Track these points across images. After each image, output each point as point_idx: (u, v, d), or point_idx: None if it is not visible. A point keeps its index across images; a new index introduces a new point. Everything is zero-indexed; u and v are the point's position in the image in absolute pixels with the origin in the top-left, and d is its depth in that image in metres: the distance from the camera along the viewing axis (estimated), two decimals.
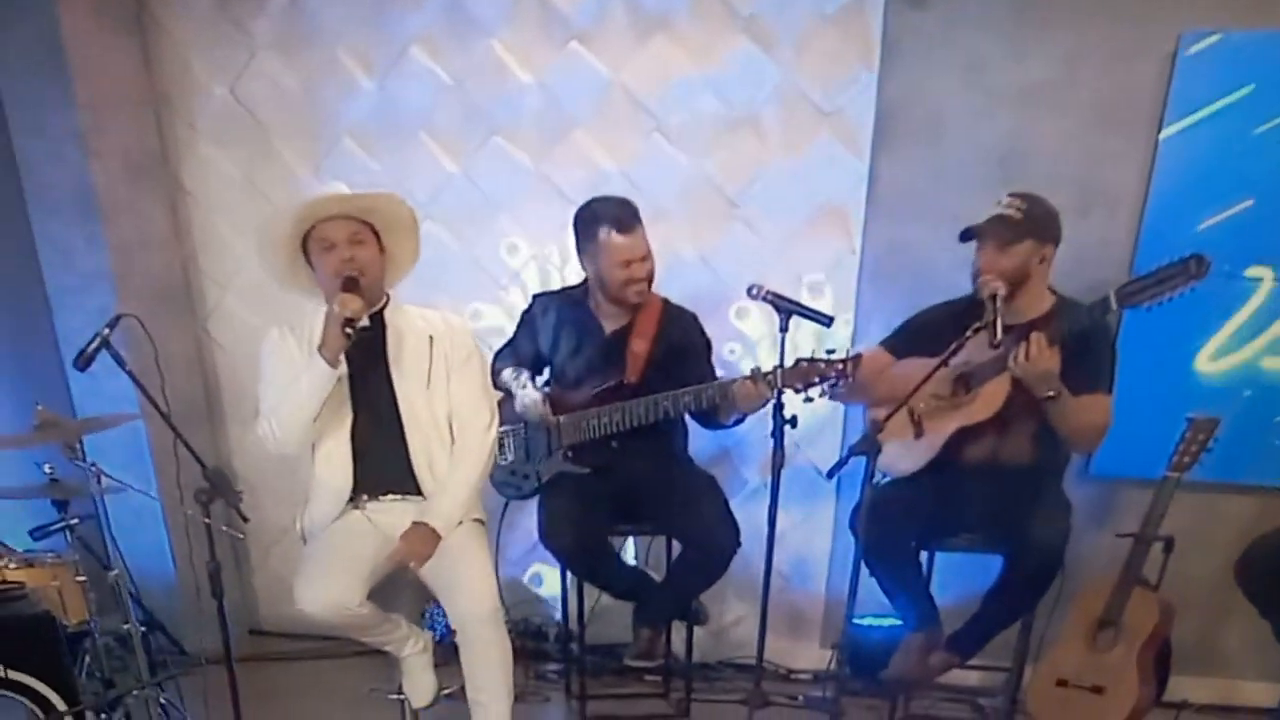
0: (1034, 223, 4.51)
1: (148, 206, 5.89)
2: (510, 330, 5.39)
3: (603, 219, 4.90)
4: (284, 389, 4.31)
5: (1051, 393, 4.35)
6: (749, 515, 4.97)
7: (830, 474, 4.32)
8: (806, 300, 5.02)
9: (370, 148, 5.82)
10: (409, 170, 5.79)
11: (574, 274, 5.36)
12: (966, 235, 4.57)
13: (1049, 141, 5.16)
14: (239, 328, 6.12)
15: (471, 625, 4.31)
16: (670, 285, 5.28)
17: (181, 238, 6.09)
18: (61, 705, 4.32)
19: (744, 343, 5.72)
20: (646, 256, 4.94)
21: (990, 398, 4.61)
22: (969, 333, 4.21)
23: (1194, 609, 4.77)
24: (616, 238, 4.86)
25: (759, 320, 5.67)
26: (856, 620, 5.41)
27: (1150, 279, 4.17)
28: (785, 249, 5.59)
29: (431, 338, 4.50)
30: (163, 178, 5.96)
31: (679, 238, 5.55)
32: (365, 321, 4.30)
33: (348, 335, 4.14)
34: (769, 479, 4.67)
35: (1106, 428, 4.53)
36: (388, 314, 4.49)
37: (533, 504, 5.19)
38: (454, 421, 4.52)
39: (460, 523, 4.46)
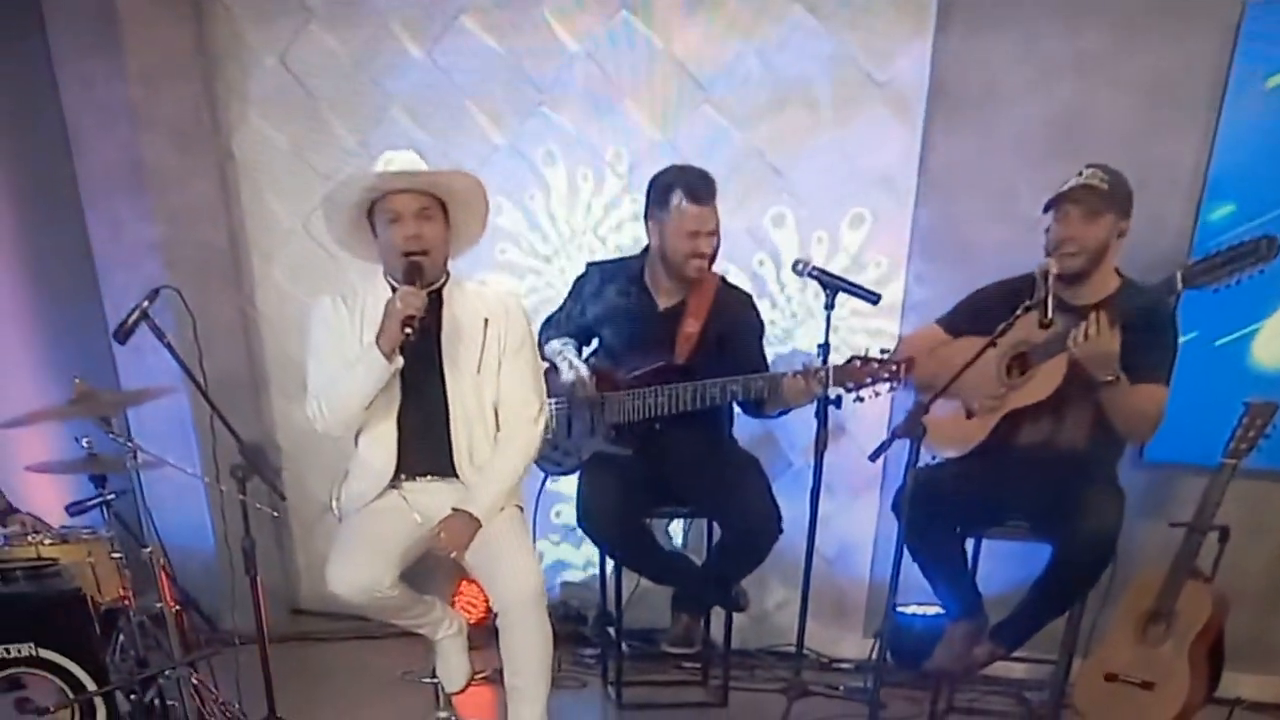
0: (1117, 194, 4.37)
1: (196, 177, 5.90)
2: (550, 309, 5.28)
3: (678, 185, 4.80)
4: (335, 372, 4.18)
5: (1110, 376, 4.17)
6: (792, 497, 4.86)
7: (873, 456, 4.11)
8: (853, 276, 4.90)
9: (418, 118, 5.76)
10: (456, 141, 5.71)
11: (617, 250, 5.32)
12: (1053, 203, 4.38)
13: (1105, 114, 4.97)
14: (284, 300, 6.10)
15: (515, 609, 4.14)
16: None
17: (229, 208, 6.05)
18: (91, 685, 4.20)
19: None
20: (714, 232, 4.84)
21: (1046, 379, 4.41)
22: (1019, 311, 4.03)
23: (1247, 602, 4.49)
24: (689, 206, 4.76)
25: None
26: (899, 608, 5.20)
27: (1217, 259, 3.99)
28: (834, 224, 5.43)
29: (486, 320, 4.31)
30: (212, 148, 5.96)
31: (725, 211, 5.19)
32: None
33: (407, 334, 3.97)
34: (811, 461, 4.59)
35: (1160, 420, 4.35)
36: (446, 292, 4.32)
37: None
38: (501, 409, 4.35)
39: (501, 509, 4.32)
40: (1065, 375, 4.37)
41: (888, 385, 4.45)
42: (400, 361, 4.05)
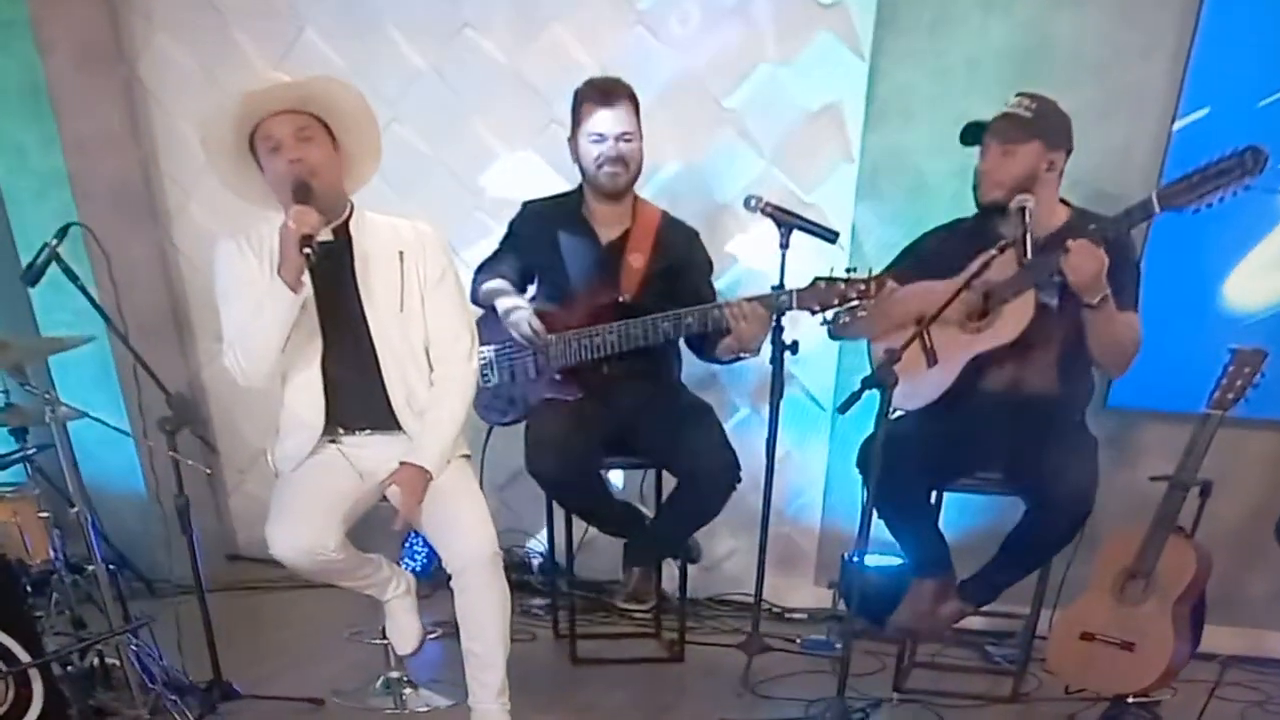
0: (1044, 123, 4.13)
1: (103, 102, 5.48)
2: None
3: (586, 94, 4.58)
4: (246, 317, 3.84)
5: (1100, 296, 3.91)
6: (740, 445, 4.62)
7: (843, 408, 3.81)
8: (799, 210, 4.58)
9: (334, 41, 5.36)
10: (375, 65, 5.32)
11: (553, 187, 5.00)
12: (968, 135, 4.19)
13: (1068, 35, 4.65)
14: (204, 236, 5.53)
15: (470, 570, 3.88)
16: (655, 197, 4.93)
17: (140, 138, 5.64)
18: (25, 656, 3.84)
19: None
20: (628, 136, 4.54)
21: (1014, 319, 4.17)
22: (994, 250, 3.88)
23: (1220, 555, 4.20)
24: (597, 109, 4.52)
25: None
26: (855, 559, 4.99)
27: (1198, 175, 3.77)
28: (777, 156, 5.14)
29: (401, 253, 4.01)
30: (117, 71, 5.52)
31: (662, 142, 5.00)
32: (327, 236, 3.84)
33: (307, 255, 3.63)
34: (760, 406, 4.39)
35: (1137, 349, 4.12)
36: (352, 227, 3.99)
37: None
38: (431, 349, 4.07)
39: (448, 460, 4.06)
40: (1033, 316, 4.13)
41: (859, 305, 4.22)
42: (307, 289, 3.78)
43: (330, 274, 3.90)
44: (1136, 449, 4.85)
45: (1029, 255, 3.91)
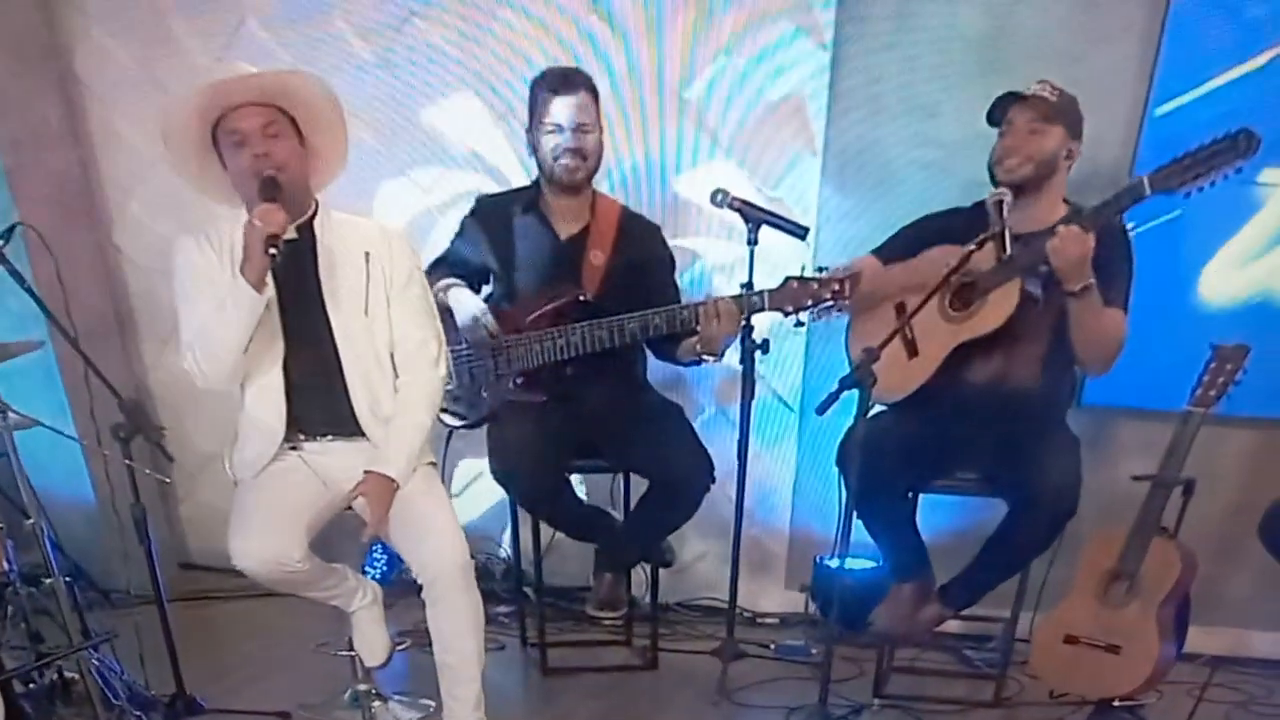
0: (1068, 110, 4.08)
1: (38, 99, 5.30)
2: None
3: (543, 83, 4.45)
4: (207, 317, 3.67)
5: (1084, 283, 3.84)
6: (706, 445, 4.49)
7: (821, 409, 3.74)
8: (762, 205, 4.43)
9: (277, 31, 5.22)
10: (319, 57, 5.19)
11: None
12: (998, 109, 4.12)
13: (1035, 22, 4.58)
14: (148, 236, 5.50)
15: (442, 581, 3.75)
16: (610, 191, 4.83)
17: (78, 136, 5.47)
18: None
19: None
20: (586, 128, 4.41)
21: (997, 308, 4.08)
22: (973, 245, 3.82)
23: (1200, 554, 4.08)
24: (554, 99, 4.38)
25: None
26: (828, 563, 4.93)
27: (1192, 158, 3.69)
28: (737, 148, 5.03)
29: (368, 254, 3.85)
30: (54, 69, 5.33)
31: (617, 134, 4.93)
32: (292, 234, 3.66)
33: (271, 255, 3.48)
34: (726, 406, 4.28)
35: (1123, 346, 4.04)
36: (317, 226, 3.83)
37: None
38: (397, 354, 3.91)
39: (414, 468, 3.91)
40: (1016, 306, 4.05)
41: (832, 305, 4.12)
42: (271, 291, 3.63)
43: (293, 274, 3.76)
44: (1111, 447, 4.77)
45: (1008, 250, 3.84)
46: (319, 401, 3.91)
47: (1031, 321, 4.10)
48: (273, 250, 3.48)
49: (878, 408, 4.18)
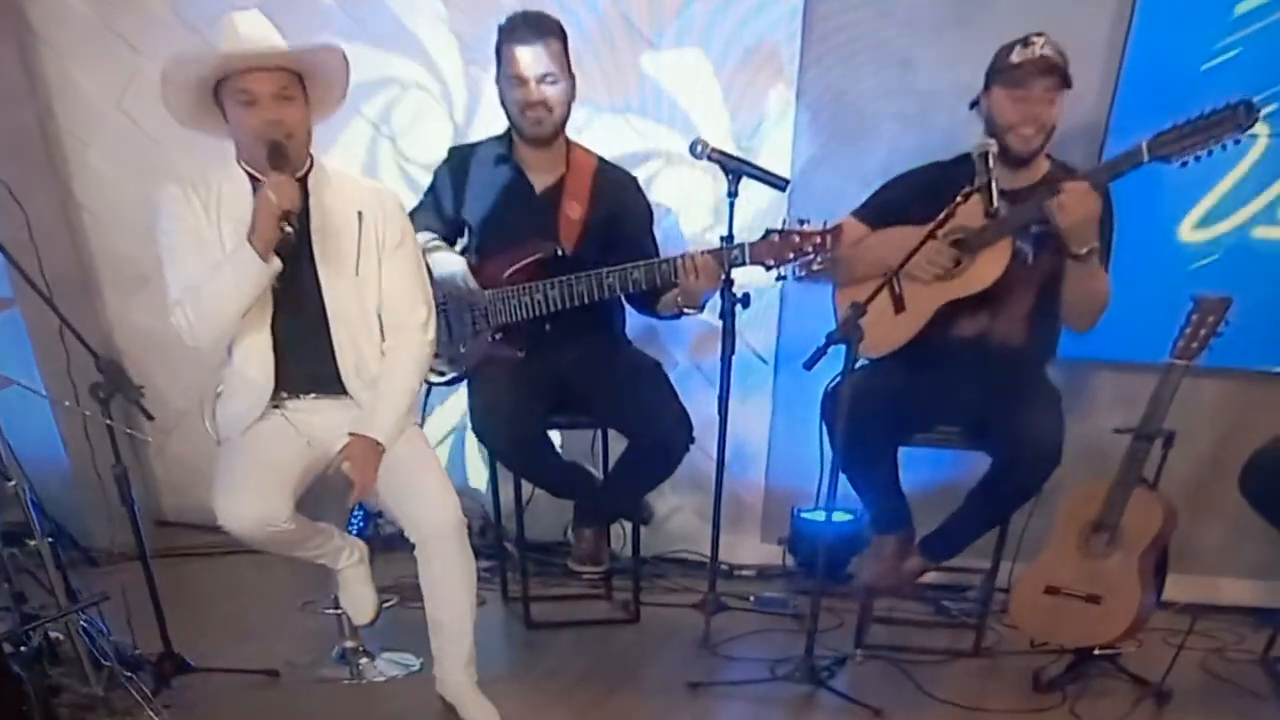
0: (1065, 68, 3.97)
1: None
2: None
3: (508, 31, 4.31)
4: (199, 275, 3.58)
5: (1089, 246, 3.84)
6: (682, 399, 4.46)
7: (808, 364, 3.71)
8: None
9: None
10: (283, 6, 4.97)
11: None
12: (1009, 70, 3.99)
13: None
14: (107, 188, 5.44)
15: (435, 540, 3.76)
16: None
17: (35, 88, 5.34)
18: None
19: None
20: (552, 78, 4.28)
21: (988, 266, 4.08)
22: (959, 199, 3.75)
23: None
24: (517, 49, 4.25)
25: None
26: (806, 515, 5.04)
27: (1189, 126, 3.69)
28: (711, 98, 4.99)
29: (360, 214, 3.79)
30: (6, 18, 5.20)
31: (587, 84, 4.74)
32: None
33: (285, 232, 3.44)
34: (700, 360, 4.26)
35: (1106, 306, 4.06)
36: (311, 182, 3.74)
37: None
38: (385, 316, 3.86)
39: (402, 431, 3.87)
40: (1007, 265, 4.06)
41: (814, 258, 4.04)
42: (279, 264, 3.51)
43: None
44: (1087, 399, 4.81)
45: (994, 202, 3.77)
46: (304, 360, 3.86)
47: (1020, 279, 4.11)
48: (285, 226, 3.44)
49: (862, 361, 4.13)
